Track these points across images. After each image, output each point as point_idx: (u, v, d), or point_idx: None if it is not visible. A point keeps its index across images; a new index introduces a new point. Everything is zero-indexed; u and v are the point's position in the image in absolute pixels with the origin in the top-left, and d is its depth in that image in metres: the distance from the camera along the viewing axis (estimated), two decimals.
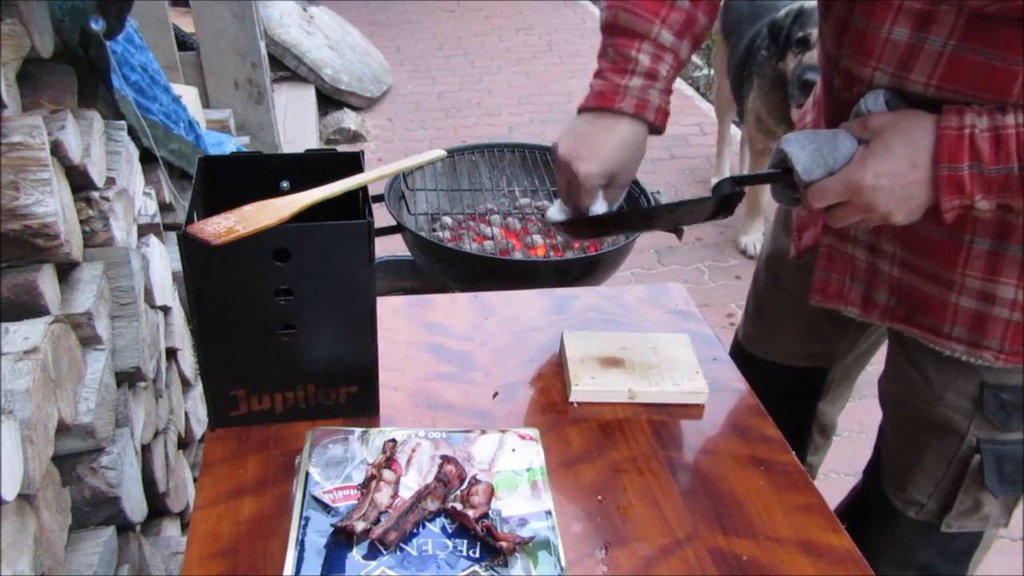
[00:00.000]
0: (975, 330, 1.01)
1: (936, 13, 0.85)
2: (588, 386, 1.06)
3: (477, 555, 0.79)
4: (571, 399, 1.06)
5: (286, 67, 4.41)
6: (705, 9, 1.05)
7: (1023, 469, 1.06)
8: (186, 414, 1.70)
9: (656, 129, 1.05)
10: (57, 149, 1.11)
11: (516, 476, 0.88)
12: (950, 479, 1.10)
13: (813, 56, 2.68)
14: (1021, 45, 0.81)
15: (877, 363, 1.36)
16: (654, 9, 1.02)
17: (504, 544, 0.78)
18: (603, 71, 1.04)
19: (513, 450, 0.91)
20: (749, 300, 1.42)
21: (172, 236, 1.59)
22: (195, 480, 1.19)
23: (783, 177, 0.95)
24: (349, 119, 4.32)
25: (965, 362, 1.03)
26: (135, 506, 1.22)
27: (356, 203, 0.99)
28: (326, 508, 0.82)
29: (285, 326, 0.93)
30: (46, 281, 1.07)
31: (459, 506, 0.82)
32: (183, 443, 1.69)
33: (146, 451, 1.37)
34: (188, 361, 1.71)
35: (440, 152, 1.13)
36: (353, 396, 1.00)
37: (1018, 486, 1.08)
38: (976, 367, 1.03)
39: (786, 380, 1.36)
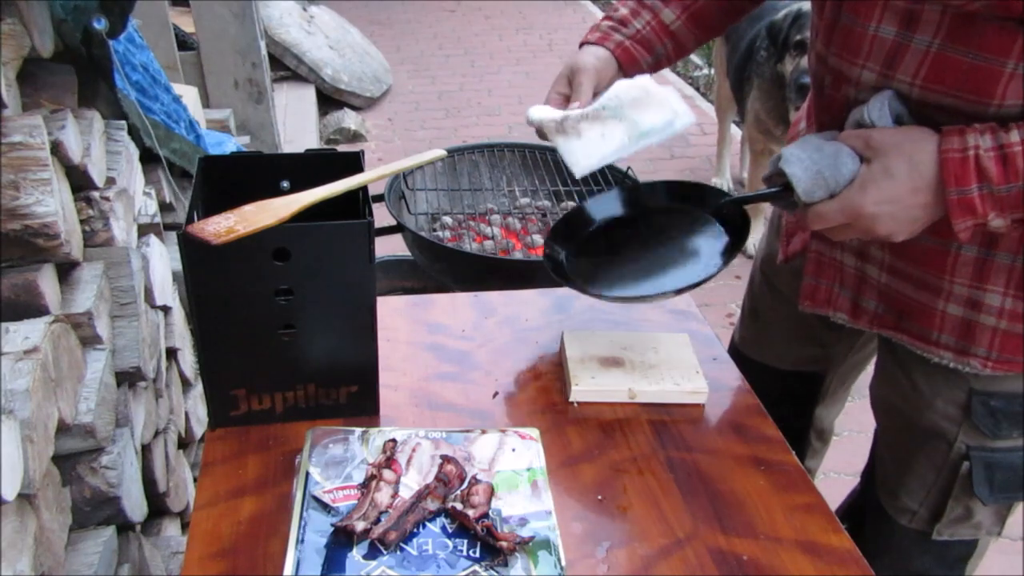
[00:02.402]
0: (963, 337, 1.00)
1: (921, 11, 0.85)
2: (588, 386, 1.06)
3: (477, 555, 0.79)
4: (571, 399, 1.06)
5: (286, 67, 4.41)
6: None
7: (1013, 477, 1.06)
8: (186, 414, 1.70)
9: (623, 66, 1.14)
10: (57, 149, 1.11)
11: (516, 476, 0.88)
12: (940, 486, 1.10)
13: None
14: (1004, 45, 0.81)
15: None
16: None
17: (504, 544, 0.78)
18: (601, 18, 1.19)
19: (513, 450, 0.91)
20: (745, 302, 1.42)
21: (172, 236, 1.59)
22: (195, 480, 1.19)
23: (784, 195, 0.94)
24: (349, 119, 4.32)
25: (953, 369, 1.03)
26: (135, 506, 1.22)
27: (356, 203, 0.99)
28: (326, 508, 0.82)
29: (285, 326, 0.93)
30: (46, 281, 1.07)
31: (459, 506, 0.82)
32: (183, 443, 1.69)
33: (146, 451, 1.37)
34: (188, 361, 1.71)
35: (440, 152, 1.13)
36: (353, 396, 1.00)
37: (1008, 494, 1.07)
38: (964, 374, 1.03)
39: (781, 383, 1.36)
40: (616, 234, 1.15)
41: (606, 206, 1.17)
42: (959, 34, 0.84)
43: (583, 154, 1.06)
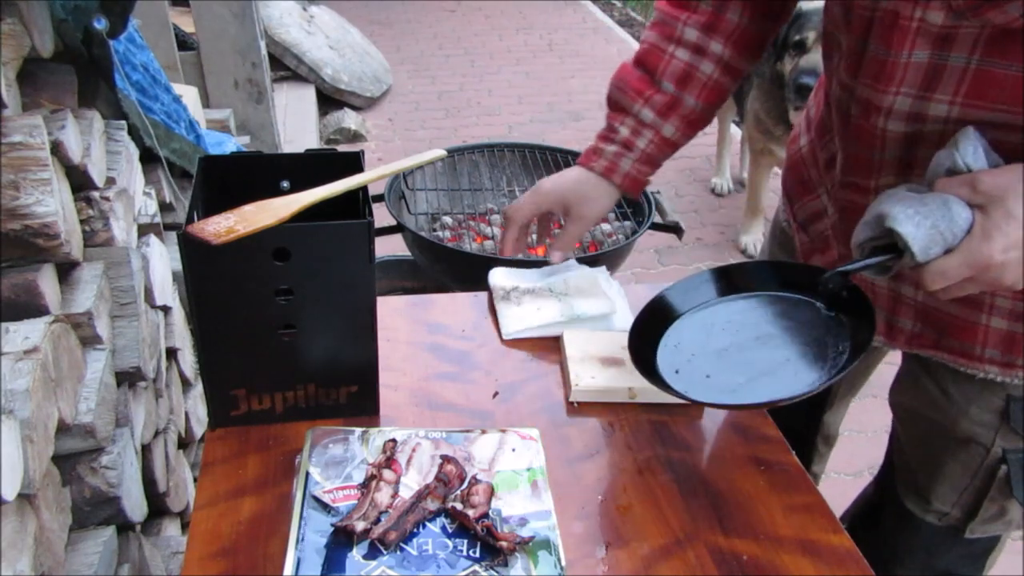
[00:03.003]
0: (1008, 350, 0.98)
1: (956, 32, 0.83)
2: (588, 386, 1.06)
3: (477, 555, 0.79)
4: (571, 399, 1.06)
5: (286, 67, 4.41)
6: (699, 94, 1.15)
7: None
8: (186, 414, 1.70)
9: (626, 193, 1.21)
10: (57, 149, 1.11)
11: (516, 476, 0.88)
12: (975, 489, 1.09)
13: (809, 59, 2.68)
14: None
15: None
16: (640, 89, 1.16)
17: (504, 544, 0.78)
18: (596, 136, 1.21)
19: (513, 450, 0.91)
20: None
21: (172, 236, 1.59)
22: (195, 480, 1.19)
23: (893, 261, 0.86)
24: (349, 119, 4.32)
25: (995, 381, 1.01)
26: (135, 506, 1.22)
27: (356, 203, 0.99)
28: (326, 508, 0.82)
29: (285, 326, 0.93)
30: (46, 281, 1.07)
31: (459, 506, 0.82)
32: (183, 443, 1.69)
33: (146, 451, 1.37)
34: (188, 361, 1.71)
35: (440, 152, 1.13)
36: (353, 396, 1.00)
37: None
38: (1002, 382, 1.01)
39: None
40: (707, 326, 1.03)
41: (689, 296, 1.06)
42: (998, 48, 0.81)
43: (514, 320, 1.19)
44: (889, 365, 1.22)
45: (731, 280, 1.06)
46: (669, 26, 1.14)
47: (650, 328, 1.04)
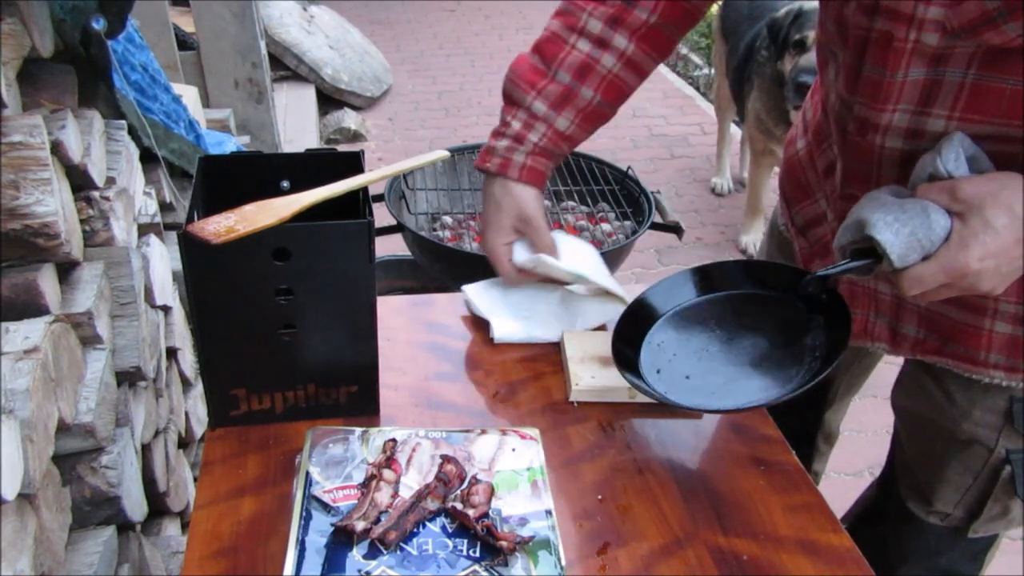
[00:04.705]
0: (1013, 354, 0.98)
1: (952, 51, 0.83)
2: (588, 386, 1.06)
3: (477, 554, 0.79)
4: (571, 399, 1.06)
5: (286, 67, 4.41)
6: (597, 87, 1.09)
7: None
8: (186, 414, 1.70)
9: (528, 185, 1.13)
10: (57, 149, 1.11)
11: (516, 476, 0.88)
12: (978, 490, 1.09)
13: (809, 58, 2.68)
14: None
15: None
16: (533, 80, 1.10)
17: (504, 543, 0.78)
18: (490, 133, 1.16)
19: (513, 450, 0.91)
20: None
21: (172, 236, 1.59)
22: (195, 479, 1.19)
23: (872, 265, 0.86)
24: (349, 119, 4.32)
25: (1000, 385, 1.01)
26: (135, 505, 1.22)
27: (356, 203, 0.99)
28: (326, 508, 0.82)
29: (285, 326, 0.93)
30: (46, 281, 1.07)
31: (459, 505, 0.82)
32: (183, 442, 1.69)
33: (146, 450, 1.37)
34: (188, 360, 1.71)
35: (443, 153, 1.13)
36: (353, 396, 1.00)
37: None
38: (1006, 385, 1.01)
39: None
40: (688, 326, 1.04)
41: (671, 295, 1.07)
42: (993, 63, 0.81)
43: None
44: (890, 365, 1.22)
45: (711, 279, 1.06)
46: (573, 16, 1.08)
47: (632, 330, 1.05)
